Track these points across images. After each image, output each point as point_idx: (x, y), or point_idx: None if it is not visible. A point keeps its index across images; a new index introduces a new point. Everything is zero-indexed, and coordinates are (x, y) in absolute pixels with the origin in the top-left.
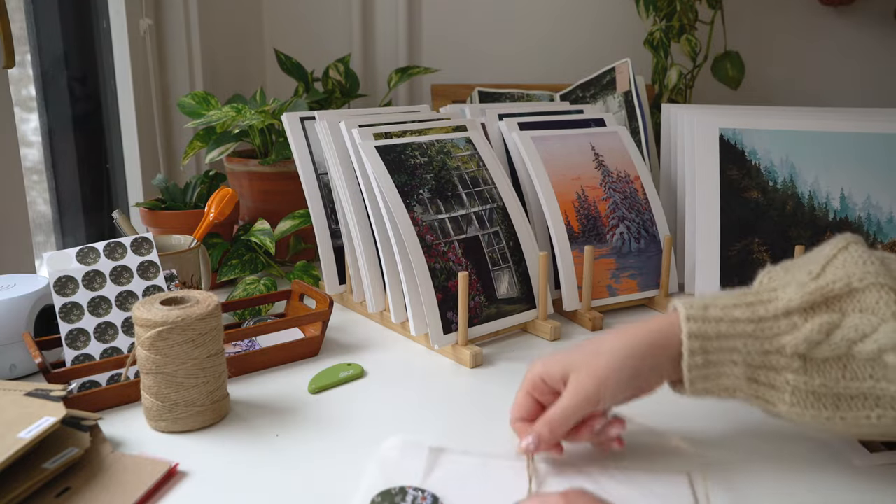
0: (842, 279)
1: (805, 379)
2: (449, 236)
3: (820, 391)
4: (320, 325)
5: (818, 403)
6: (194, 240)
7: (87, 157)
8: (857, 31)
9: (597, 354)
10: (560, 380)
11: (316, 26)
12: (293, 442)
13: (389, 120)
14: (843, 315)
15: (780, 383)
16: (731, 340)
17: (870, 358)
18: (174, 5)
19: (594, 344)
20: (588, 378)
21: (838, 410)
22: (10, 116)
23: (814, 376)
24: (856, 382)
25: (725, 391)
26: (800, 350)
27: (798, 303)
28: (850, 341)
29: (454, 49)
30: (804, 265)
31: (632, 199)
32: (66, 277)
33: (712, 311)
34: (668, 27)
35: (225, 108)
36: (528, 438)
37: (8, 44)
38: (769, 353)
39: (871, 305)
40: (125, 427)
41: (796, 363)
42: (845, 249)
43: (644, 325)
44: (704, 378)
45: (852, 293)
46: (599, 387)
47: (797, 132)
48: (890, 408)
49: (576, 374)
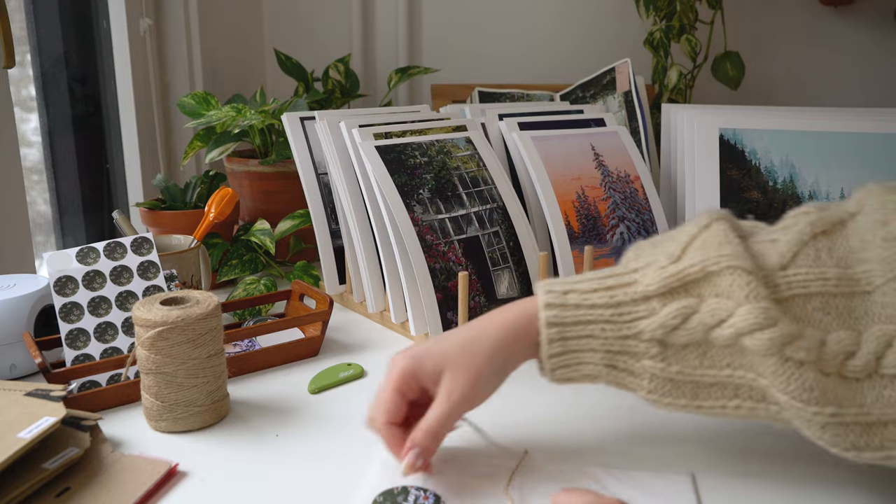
0: (698, 263)
1: (662, 366)
2: (449, 236)
3: (678, 378)
4: (320, 325)
5: (675, 391)
6: (194, 240)
7: (87, 157)
8: (857, 31)
9: (469, 346)
10: (433, 377)
11: (316, 26)
12: (293, 442)
13: (389, 120)
14: (701, 300)
15: (639, 370)
16: (589, 327)
17: (727, 343)
18: (174, 5)
19: (465, 333)
20: (465, 376)
21: (696, 399)
22: (10, 116)
23: (672, 363)
24: (713, 370)
25: (587, 378)
26: (657, 335)
27: (655, 287)
28: (707, 326)
29: (454, 49)
30: (668, 243)
31: (632, 199)
32: (66, 277)
33: (571, 297)
34: (668, 27)
35: (225, 108)
36: (411, 455)
37: (8, 44)
38: (627, 339)
39: (726, 289)
40: (125, 427)
41: (654, 349)
42: (706, 228)
43: (511, 309)
44: (565, 366)
45: (708, 277)
46: (476, 384)
47: (797, 132)
48: (748, 398)
49: (451, 372)
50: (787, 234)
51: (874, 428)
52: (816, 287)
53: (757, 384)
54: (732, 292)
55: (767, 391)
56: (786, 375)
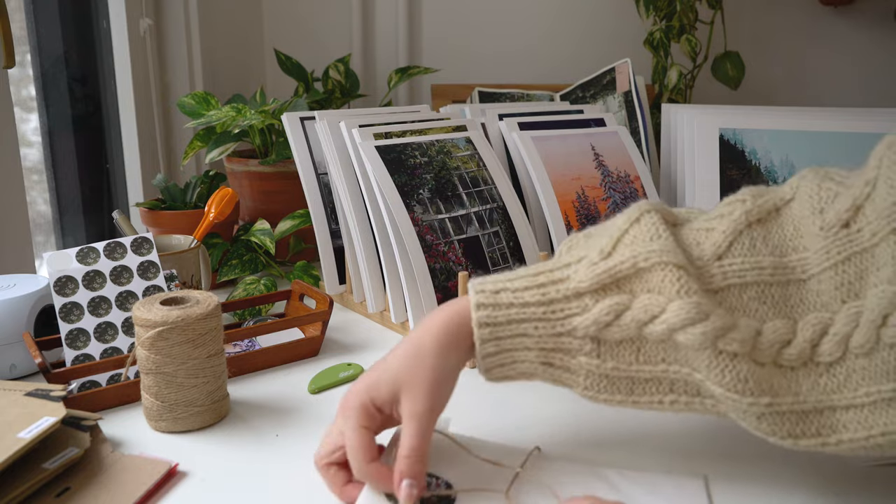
0: (629, 259)
1: (598, 362)
2: (449, 236)
3: (613, 374)
4: (320, 325)
5: (611, 387)
6: (194, 240)
7: (87, 157)
8: (857, 31)
9: (412, 361)
10: (391, 401)
11: (316, 26)
12: (293, 442)
13: (389, 120)
14: (633, 296)
15: (575, 366)
16: (522, 325)
17: (660, 339)
18: (174, 5)
19: (405, 349)
20: (419, 389)
21: (632, 395)
22: (10, 116)
23: (607, 359)
24: (648, 366)
25: (523, 375)
26: (590, 332)
27: (587, 284)
28: (640, 323)
29: (454, 49)
30: (600, 236)
31: (632, 199)
32: (66, 277)
33: (503, 297)
34: (668, 27)
35: (225, 108)
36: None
37: (8, 44)
38: (561, 336)
39: (657, 285)
40: (125, 427)
41: (588, 346)
42: (637, 222)
43: (444, 311)
44: (500, 365)
45: (639, 273)
46: (433, 393)
47: (797, 132)
48: (683, 392)
49: (408, 391)
50: (723, 222)
51: (810, 416)
52: (752, 276)
53: (692, 378)
54: (664, 288)
55: (702, 385)
56: (720, 368)
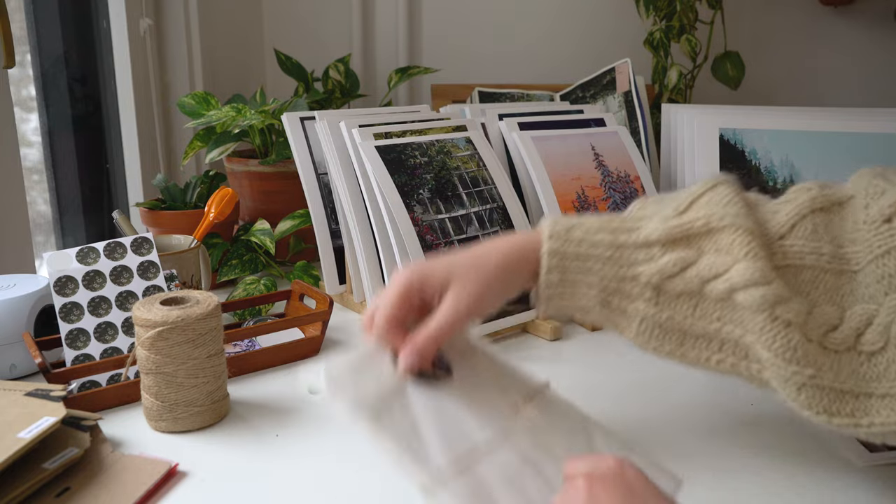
0: (702, 218)
1: (654, 311)
2: (449, 236)
3: (667, 325)
4: (320, 325)
5: (663, 337)
6: (194, 240)
7: (87, 157)
8: (857, 31)
9: (476, 261)
10: (439, 286)
11: (316, 26)
12: (293, 442)
13: (389, 120)
14: (701, 253)
15: (631, 311)
16: (588, 262)
17: (720, 298)
18: (174, 5)
19: (471, 251)
20: (472, 287)
21: (681, 347)
22: (10, 116)
23: (664, 309)
24: (703, 321)
25: (580, 310)
26: (653, 281)
27: (658, 235)
28: (703, 279)
29: (454, 49)
30: (674, 200)
31: (632, 199)
32: (66, 277)
33: (576, 233)
34: (668, 27)
35: (225, 108)
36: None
37: (8, 44)
38: (624, 280)
39: (726, 246)
40: (125, 427)
41: (648, 293)
42: (713, 189)
43: (517, 236)
44: (560, 296)
45: (711, 232)
46: (482, 297)
47: (797, 132)
48: (732, 353)
49: (459, 284)
50: (788, 206)
51: (846, 397)
52: (811, 260)
53: (743, 341)
54: (732, 249)
55: (752, 348)
56: (772, 333)
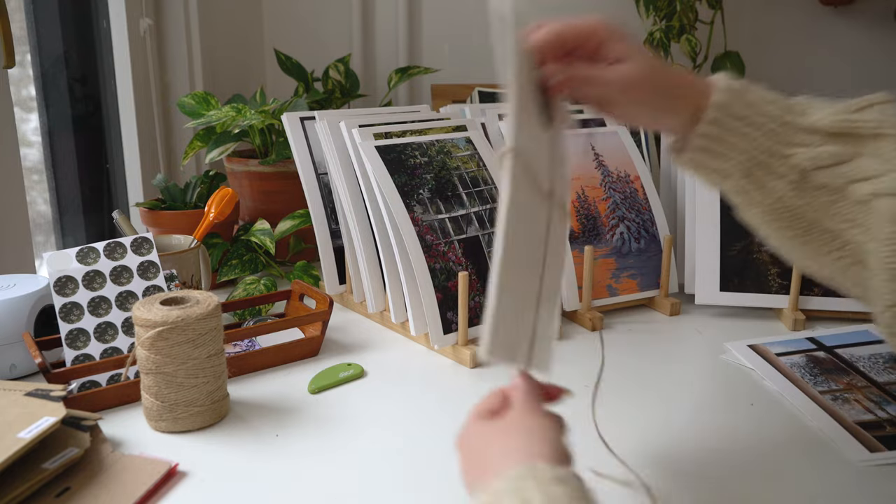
0: (875, 121)
1: (793, 194)
2: (449, 236)
3: (799, 211)
4: (320, 325)
5: (792, 220)
6: (194, 240)
7: (87, 157)
8: (857, 31)
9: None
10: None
11: (316, 26)
12: (293, 442)
13: (389, 120)
14: (858, 154)
15: (770, 187)
16: (749, 127)
17: (860, 200)
18: (174, 5)
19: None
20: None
21: (806, 234)
22: (10, 116)
23: (802, 195)
24: (836, 219)
25: (717, 173)
26: (803, 165)
27: (825, 124)
28: (850, 179)
29: (454, 49)
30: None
31: (632, 199)
32: (66, 277)
33: (750, 96)
34: (668, 27)
35: (225, 108)
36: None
37: (8, 44)
38: (775, 156)
39: (886, 153)
40: (125, 427)
41: (794, 175)
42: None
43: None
44: (707, 150)
45: (877, 137)
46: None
47: None
48: (850, 256)
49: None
50: None
51: None
52: None
53: (865, 248)
54: (891, 158)
55: (869, 258)
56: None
